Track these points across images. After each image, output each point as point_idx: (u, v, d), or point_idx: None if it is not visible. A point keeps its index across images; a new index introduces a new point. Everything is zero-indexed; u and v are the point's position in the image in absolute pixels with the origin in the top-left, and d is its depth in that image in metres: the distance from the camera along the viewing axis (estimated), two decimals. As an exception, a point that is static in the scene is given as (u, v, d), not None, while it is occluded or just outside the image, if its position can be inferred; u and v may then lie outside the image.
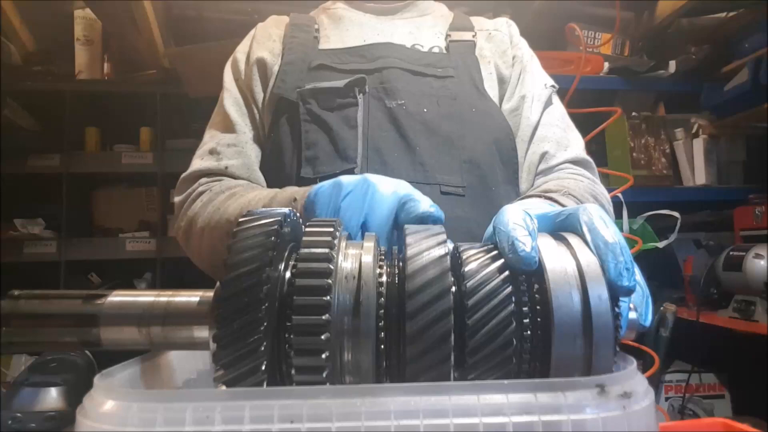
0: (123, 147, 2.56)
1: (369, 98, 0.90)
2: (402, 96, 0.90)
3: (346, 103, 0.89)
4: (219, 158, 0.94)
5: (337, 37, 1.02)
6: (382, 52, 0.96)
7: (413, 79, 0.93)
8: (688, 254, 2.23)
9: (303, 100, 0.90)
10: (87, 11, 2.42)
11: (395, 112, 0.89)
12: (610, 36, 2.31)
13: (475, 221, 0.83)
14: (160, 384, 0.47)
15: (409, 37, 1.03)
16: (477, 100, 0.95)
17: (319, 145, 0.87)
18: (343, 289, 0.39)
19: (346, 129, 0.87)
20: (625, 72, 2.30)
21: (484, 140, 0.91)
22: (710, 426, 0.78)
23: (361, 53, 0.97)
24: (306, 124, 0.89)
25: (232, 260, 0.38)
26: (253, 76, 0.99)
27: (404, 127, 0.88)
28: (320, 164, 0.86)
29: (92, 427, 0.32)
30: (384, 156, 0.86)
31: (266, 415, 0.31)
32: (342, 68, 0.94)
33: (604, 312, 0.38)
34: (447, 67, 0.97)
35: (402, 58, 0.95)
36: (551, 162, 0.95)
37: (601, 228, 0.42)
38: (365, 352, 0.38)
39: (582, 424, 0.31)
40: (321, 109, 0.89)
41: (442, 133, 0.89)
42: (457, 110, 0.92)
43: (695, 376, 2.14)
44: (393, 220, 0.57)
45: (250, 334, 0.35)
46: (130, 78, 2.53)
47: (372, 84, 0.91)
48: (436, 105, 0.91)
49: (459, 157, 0.88)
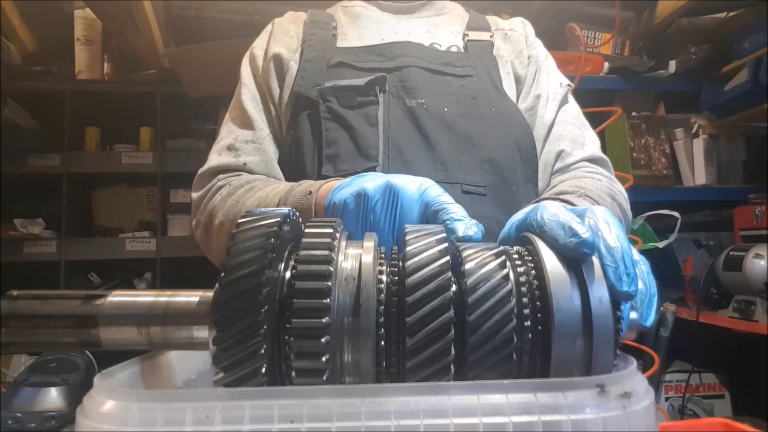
0: (123, 147, 2.56)
1: (389, 97, 0.91)
2: (422, 95, 0.90)
3: (366, 101, 0.89)
4: (237, 154, 0.94)
5: (354, 35, 1.02)
6: (402, 50, 0.96)
7: (433, 78, 0.93)
8: (688, 254, 2.23)
9: (323, 97, 0.90)
10: (87, 11, 2.42)
11: (415, 111, 0.89)
12: (610, 36, 2.31)
13: (496, 220, 0.83)
14: (160, 384, 0.47)
15: (427, 35, 1.03)
16: (496, 99, 0.95)
17: (340, 143, 0.87)
18: (343, 290, 0.39)
19: (367, 127, 0.87)
20: (625, 72, 2.30)
21: (504, 140, 0.91)
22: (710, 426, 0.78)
23: (380, 52, 0.97)
24: (326, 122, 0.89)
25: (231, 262, 0.38)
26: (270, 71, 0.99)
27: (425, 126, 0.88)
28: (341, 162, 0.86)
29: (92, 427, 0.32)
30: (405, 155, 0.86)
31: (266, 415, 0.31)
32: (362, 66, 0.94)
33: (604, 312, 0.38)
34: (466, 66, 0.97)
35: (421, 57, 0.96)
36: (567, 160, 0.95)
37: (604, 231, 0.42)
38: (365, 352, 0.38)
39: (582, 424, 0.31)
40: (341, 107, 0.89)
41: (462, 132, 0.89)
42: (477, 109, 0.92)
43: (695, 376, 2.14)
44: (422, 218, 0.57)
45: (249, 337, 0.35)
46: (130, 78, 2.53)
47: (392, 82, 0.92)
48: (456, 104, 0.91)
49: (479, 156, 0.88)
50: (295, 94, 0.94)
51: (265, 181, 0.88)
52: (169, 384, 0.49)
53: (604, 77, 2.30)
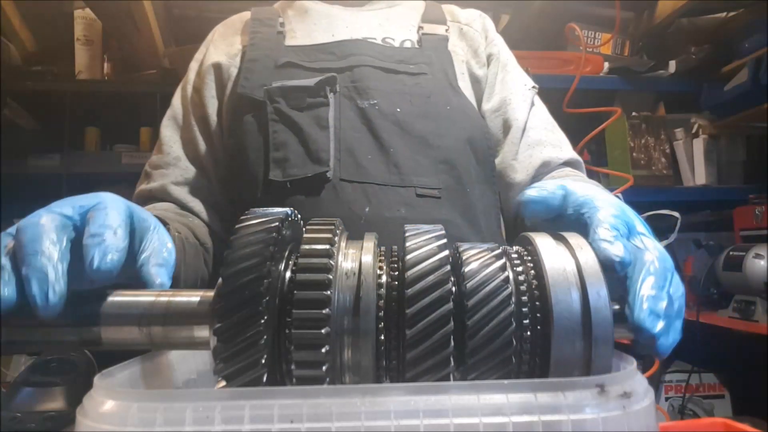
0: (123, 147, 2.55)
1: (340, 98, 0.87)
2: (374, 95, 0.87)
3: (316, 103, 0.86)
4: (149, 181, 0.94)
5: (303, 32, 0.98)
6: (353, 49, 0.92)
7: (385, 77, 0.90)
8: (688, 254, 2.23)
9: (271, 98, 0.86)
10: (87, 11, 2.42)
11: (368, 113, 0.86)
12: (610, 36, 2.31)
13: (451, 223, 0.81)
14: (160, 384, 0.47)
15: (379, 29, 0.99)
16: (451, 97, 0.92)
17: (289, 146, 0.84)
18: (343, 286, 0.40)
19: (318, 129, 0.84)
20: (625, 72, 2.30)
21: (459, 139, 0.89)
22: (710, 426, 0.78)
23: (331, 50, 0.93)
24: (274, 123, 0.85)
25: (233, 255, 0.38)
26: (205, 82, 0.96)
27: (377, 128, 0.85)
28: (291, 167, 0.83)
29: (92, 427, 0.32)
30: (358, 158, 0.83)
31: (266, 415, 0.31)
32: (311, 66, 0.90)
33: (603, 312, 0.38)
34: (420, 63, 0.94)
35: (373, 56, 0.92)
36: (551, 165, 0.94)
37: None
38: (365, 350, 0.38)
39: (582, 424, 0.31)
40: (290, 109, 0.85)
41: (417, 133, 0.86)
42: (432, 109, 0.89)
43: (695, 376, 2.14)
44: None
45: (250, 327, 0.36)
46: (130, 78, 2.53)
47: (343, 83, 0.88)
48: (410, 104, 0.88)
49: (434, 157, 0.86)
50: (237, 96, 0.90)
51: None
52: (169, 384, 0.49)
53: (604, 77, 2.30)
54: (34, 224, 0.43)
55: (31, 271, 0.40)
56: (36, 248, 0.41)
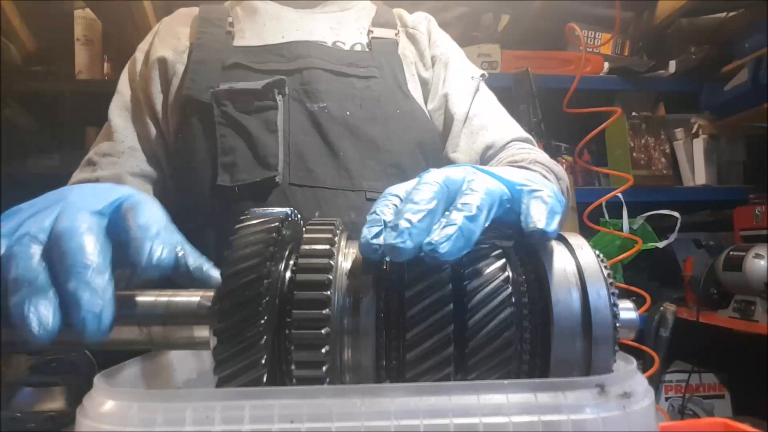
0: (123, 147, 2.56)
1: (289, 100, 0.86)
2: (324, 98, 0.86)
3: (265, 106, 0.84)
4: (93, 169, 0.89)
5: (253, 32, 0.96)
6: (302, 51, 0.91)
7: (335, 80, 0.89)
8: (688, 254, 2.23)
9: (217, 101, 0.84)
10: (87, 11, 2.42)
11: (317, 116, 0.85)
12: (610, 36, 2.31)
13: None
14: (160, 384, 0.47)
15: (331, 33, 0.98)
16: (401, 101, 0.92)
17: (237, 150, 0.82)
18: (343, 287, 0.40)
19: (266, 133, 0.83)
20: (625, 72, 2.30)
21: (408, 143, 0.88)
22: (710, 426, 0.78)
23: (280, 52, 0.91)
24: (221, 127, 0.83)
25: (234, 255, 0.38)
26: (151, 77, 0.93)
27: (327, 132, 0.84)
28: (239, 171, 0.81)
29: (92, 427, 0.32)
30: (307, 162, 0.82)
31: (266, 415, 0.31)
32: (259, 68, 0.89)
33: (603, 311, 0.38)
34: (370, 66, 0.93)
35: (323, 58, 0.91)
36: (496, 147, 0.92)
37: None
38: (365, 350, 0.38)
39: (582, 424, 0.31)
40: (237, 112, 0.84)
41: (367, 136, 0.86)
42: (381, 112, 0.88)
43: (695, 376, 2.14)
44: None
45: (250, 327, 0.36)
46: (130, 78, 2.53)
47: (292, 85, 0.87)
48: (359, 107, 0.88)
49: (384, 161, 0.85)
50: (183, 98, 0.88)
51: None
52: (170, 384, 0.49)
53: (604, 77, 2.30)
54: (74, 230, 0.37)
55: (81, 292, 0.35)
56: (82, 260, 0.36)
